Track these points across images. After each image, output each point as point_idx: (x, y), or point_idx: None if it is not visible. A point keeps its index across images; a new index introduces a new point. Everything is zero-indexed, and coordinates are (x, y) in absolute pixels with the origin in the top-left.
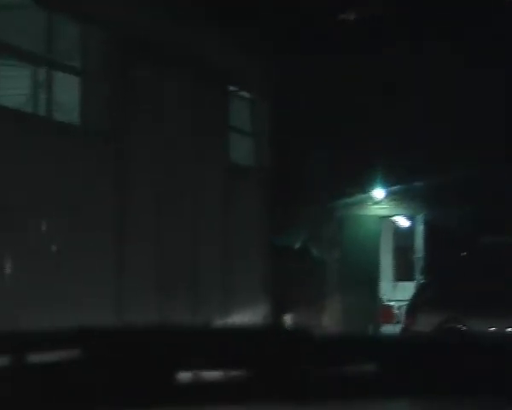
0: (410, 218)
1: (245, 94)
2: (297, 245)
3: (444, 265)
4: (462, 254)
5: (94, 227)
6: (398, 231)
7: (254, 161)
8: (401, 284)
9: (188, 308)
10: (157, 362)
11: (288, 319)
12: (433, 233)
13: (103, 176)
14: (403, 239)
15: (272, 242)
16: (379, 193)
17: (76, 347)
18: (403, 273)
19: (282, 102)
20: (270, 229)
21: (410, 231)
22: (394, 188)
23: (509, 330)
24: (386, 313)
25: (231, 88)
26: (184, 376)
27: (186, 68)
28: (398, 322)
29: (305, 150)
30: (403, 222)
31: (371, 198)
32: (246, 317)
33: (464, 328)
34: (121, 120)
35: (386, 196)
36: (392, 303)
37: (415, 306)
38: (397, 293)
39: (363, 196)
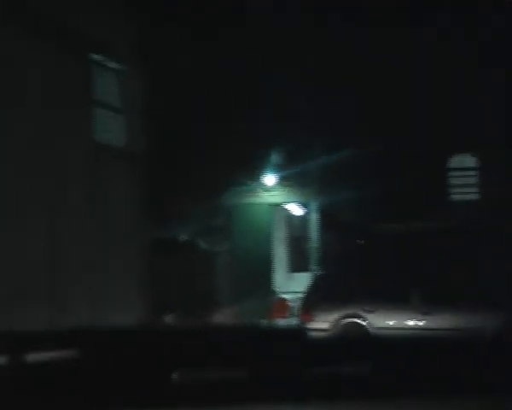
0: (304, 205)
1: (116, 66)
2: (182, 237)
3: (340, 255)
4: (358, 241)
5: None
6: (291, 220)
7: (128, 142)
8: (297, 275)
9: (48, 312)
10: (152, 362)
11: (171, 318)
12: (328, 221)
13: None
14: (297, 228)
15: (152, 234)
16: (269, 179)
17: (74, 347)
18: (298, 264)
19: (160, 77)
20: (148, 220)
21: (304, 219)
22: (285, 174)
23: (411, 323)
24: (281, 307)
25: (99, 59)
26: (179, 376)
27: (47, 36)
28: (293, 316)
29: (188, 133)
30: (296, 210)
31: (261, 185)
32: (121, 318)
33: (364, 323)
34: None
35: (278, 183)
36: (286, 296)
37: (310, 301)
38: (292, 284)
39: (252, 183)
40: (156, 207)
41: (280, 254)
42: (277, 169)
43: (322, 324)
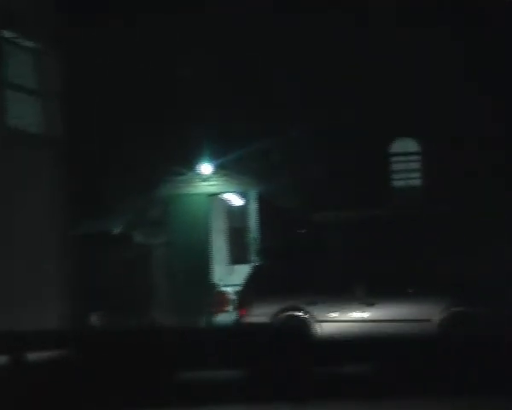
0: (243, 194)
1: (29, 44)
2: (115, 230)
3: (280, 245)
4: (299, 231)
5: None
6: (231, 210)
7: (45, 127)
8: (237, 267)
9: None
10: (154, 362)
11: (100, 316)
12: (268, 210)
13: None
14: (237, 218)
15: (79, 228)
16: (206, 168)
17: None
18: (239, 256)
19: (84, 57)
20: (74, 213)
21: (243, 209)
22: (222, 162)
23: (355, 315)
24: (221, 300)
25: (8, 35)
26: (182, 376)
27: None
28: (235, 309)
29: (116, 118)
30: (235, 200)
31: (198, 174)
32: (44, 317)
33: (305, 316)
34: None
35: (215, 172)
36: (228, 289)
37: (248, 293)
38: (233, 277)
39: (189, 172)
40: (84, 198)
41: (219, 246)
42: (214, 157)
43: (259, 317)
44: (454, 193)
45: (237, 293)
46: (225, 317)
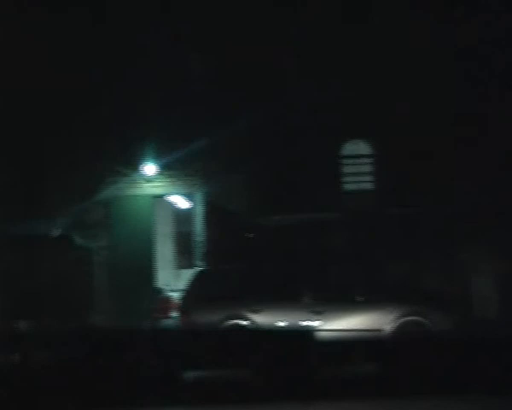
0: (189, 196)
1: None
2: (53, 232)
3: (225, 250)
4: (247, 235)
5: None
6: (177, 213)
7: None
8: (184, 271)
9: None
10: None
11: (30, 320)
12: (215, 214)
13: None
14: (183, 221)
15: (11, 229)
16: (150, 169)
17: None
18: (186, 260)
19: (11, 45)
20: (5, 213)
21: (190, 212)
22: (167, 162)
23: (302, 324)
24: (165, 306)
25: None
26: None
27: None
28: (178, 315)
29: (55, 115)
30: (181, 202)
31: (142, 175)
32: None
33: (249, 324)
34: None
35: (159, 173)
36: (173, 294)
37: (190, 299)
38: (180, 282)
39: (132, 172)
40: (17, 198)
41: (165, 251)
42: (158, 157)
43: (201, 325)
44: (406, 196)
45: (181, 299)
46: (170, 322)
